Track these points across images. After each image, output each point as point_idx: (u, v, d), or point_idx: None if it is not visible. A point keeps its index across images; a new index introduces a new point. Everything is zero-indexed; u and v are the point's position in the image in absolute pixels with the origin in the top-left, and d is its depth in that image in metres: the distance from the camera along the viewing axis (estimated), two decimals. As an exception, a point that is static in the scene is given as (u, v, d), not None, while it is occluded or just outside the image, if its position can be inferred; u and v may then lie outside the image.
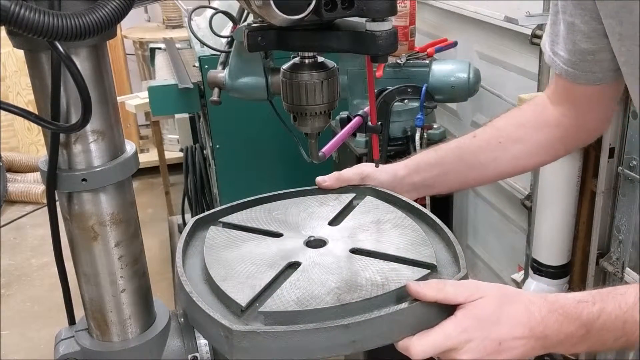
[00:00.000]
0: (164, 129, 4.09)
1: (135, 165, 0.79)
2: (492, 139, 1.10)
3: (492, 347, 0.76)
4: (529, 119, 1.11)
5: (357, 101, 2.02)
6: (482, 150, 1.10)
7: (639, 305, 0.76)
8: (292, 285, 0.80)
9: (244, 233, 0.95)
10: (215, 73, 1.51)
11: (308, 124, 0.83)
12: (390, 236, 0.91)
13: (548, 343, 0.78)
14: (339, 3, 0.71)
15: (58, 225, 0.80)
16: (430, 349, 0.75)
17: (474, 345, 0.75)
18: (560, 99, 1.08)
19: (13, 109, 0.67)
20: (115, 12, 0.61)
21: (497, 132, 1.10)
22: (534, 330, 0.77)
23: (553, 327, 0.77)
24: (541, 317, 0.77)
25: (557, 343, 0.78)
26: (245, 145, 2.39)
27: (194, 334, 0.84)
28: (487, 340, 0.75)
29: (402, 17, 2.11)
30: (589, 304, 0.77)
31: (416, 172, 1.09)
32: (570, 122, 1.07)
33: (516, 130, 1.10)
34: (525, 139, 1.09)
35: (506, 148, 1.09)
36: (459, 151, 1.10)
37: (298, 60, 0.81)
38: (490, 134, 1.11)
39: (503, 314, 0.77)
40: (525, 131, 1.10)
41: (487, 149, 1.10)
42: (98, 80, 0.73)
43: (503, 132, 1.10)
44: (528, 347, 0.77)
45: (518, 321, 0.77)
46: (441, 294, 0.76)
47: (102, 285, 0.81)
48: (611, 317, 0.76)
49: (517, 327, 0.76)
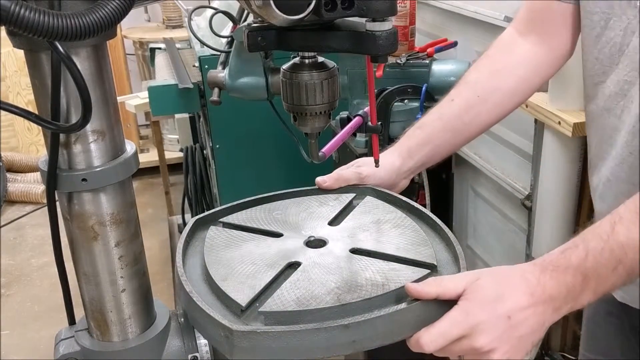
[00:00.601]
0: (164, 129, 4.09)
1: (135, 165, 0.79)
2: (470, 96, 1.11)
3: (503, 323, 0.75)
4: (500, 64, 1.12)
5: (357, 101, 2.02)
6: (464, 111, 1.11)
7: (618, 228, 0.76)
8: (292, 285, 0.80)
9: (244, 233, 0.95)
10: (215, 73, 1.51)
11: (308, 124, 0.83)
12: (390, 236, 0.91)
13: (556, 304, 0.77)
14: (339, 3, 0.71)
15: (58, 225, 0.80)
16: (439, 338, 0.75)
17: (485, 327, 0.74)
18: (528, 27, 1.09)
19: (13, 109, 0.67)
20: (115, 12, 0.61)
21: (473, 87, 1.11)
22: (535, 294, 0.76)
23: (551, 285, 0.77)
24: (537, 280, 0.77)
25: (564, 300, 0.77)
26: (245, 145, 2.39)
27: (194, 334, 0.84)
28: (495, 318, 0.75)
29: (402, 17, 2.11)
30: (572, 249, 0.78)
31: (410, 157, 1.11)
32: (541, 50, 1.09)
33: (490, 79, 1.11)
34: (501, 85, 1.10)
35: (485, 100, 1.10)
36: (442, 122, 1.12)
37: (298, 60, 0.81)
38: (467, 92, 1.12)
39: (502, 289, 0.77)
40: (500, 77, 1.11)
41: (468, 108, 1.11)
42: (98, 80, 0.73)
43: (478, 86, 1.11)
44: (539, 314, 0.76)
45: (519, 291, 0.76)
46: (441, 289, 0.76)
47: (102, 285, 0.81)
48: (597, 250, 0.76)
49: (520, 297, 0.76)
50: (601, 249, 0.76)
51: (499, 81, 1.10)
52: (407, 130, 1.15)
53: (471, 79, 1.12)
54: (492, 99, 1.10)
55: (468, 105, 1.10)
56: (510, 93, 1.11)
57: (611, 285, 0.77)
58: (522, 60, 1.10)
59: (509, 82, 1.10)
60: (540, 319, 0.77)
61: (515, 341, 0.76)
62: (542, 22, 1.08)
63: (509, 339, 0.75)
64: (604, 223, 0.78)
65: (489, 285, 0.77)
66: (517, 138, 2.35)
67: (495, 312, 0.75)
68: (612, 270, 0.76)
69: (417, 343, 0.75)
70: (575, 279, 0.76)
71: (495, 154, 2.51)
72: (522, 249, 2.31)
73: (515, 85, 1.11)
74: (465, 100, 1.11)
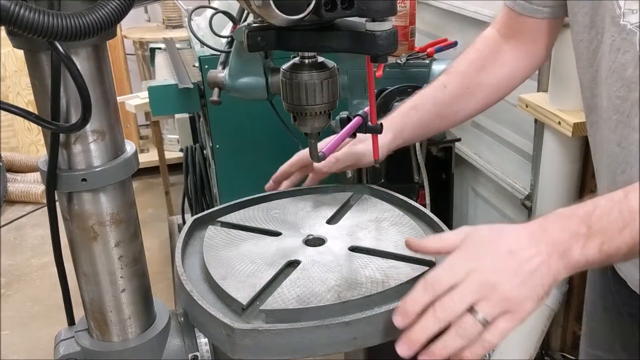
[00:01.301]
0: (164, 129, 4.09)
1: (135, 165, 0.79)
2: (461, 86, 1.16)
3: (506, 257, 0.71)
4: (487, 62, 1.17)
5: (357, 101, 2.02)
6: (455, 101, 1.16)
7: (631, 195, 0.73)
8: (292, 283, 0.80)
9: (243, 232, 0.95)
10: (215, 73, 1.51)
11: (308, 124, 0.83)
12: (389, 234, 0.92)
13: (561, 248, 0.72)
14: (339, 3, 0.71)
15: (58, 225, 0.80)
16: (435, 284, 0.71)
17: (486, 261, 0.71)
18: (508, 33, 1.15)
19: (13, 109, 0.67)
20: (115, 12, 0.61)
21: (463, 78, 1.17)
22: (536, 235, 0.73)
23: (554, 228, 0.73)
24: (538, 224, 0.74)
25: (568, 247, 0.72)
26: (245, 145, 2.39)
27: (194, 333, 0.84)
28: (495, 253, 0.72)
29: (402, 17, 2.11)
30: (581, 204, 0.75)
31: (401, 136, 1.14)
32: (520, 55, 1.15)
33: (478, 74, 1.16)
34: (487, 82, 1.17)
35: (473, 93, 1.16)
36: (436, 108, 1.16)
37: (298, 60, 0.81)
38: (459, 82, 1.16)
39: (501, 231, 0.75)
40: (487, 74, 1.16)
41: (459, 98, 1.16)
42: (98, 80, 0.73)
43: (467, 77, 1.16)
44: (544, 256, 0.71)
45: (519, 233, 0.74)
46: (441, 242, 0.77)
47: (102, 285, 0.81)
48: (606, 208, 0.73)
49: (521, 236, 0.73)
50: (610, 208, 0.73)
51: (485, 78, 1.16)
52: (401, 105, 1.18)
53: (463, 70, 1.17)
54: (479, 93, 1.17)
55: (458, 95, 1.16)
56: (494, 90, 1.18)
57: (616, 247, 0.72)
58: (505, 61, 1.16)
59: (494, 80, 1.17)
60: (547, 263, 0.71)
61: (527, 275, 0.70)
62: (521, 32, 1.14)
63: (516, 273, 0.70)
64: (618, 191, 0.75)
65: (487, 230, 0.75)
66: (517, 138, 2.35)
67: (495, 249, 0.72)
68: (619, 231, 0.72)
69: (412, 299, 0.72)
70: (580, 228, 0.73)
71: (495, 154, 2.51)
72: (522, 248, 2.31)
73: (498, 83, 1.17)
74: (457, 89, 1.16)
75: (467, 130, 2.64)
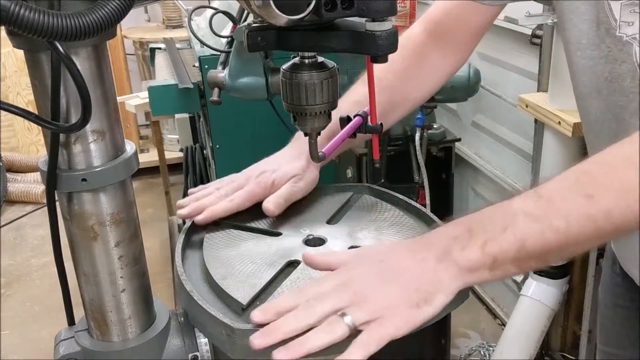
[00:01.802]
0: (164, 129, 4.09)
1: (135, 165, 0.79)
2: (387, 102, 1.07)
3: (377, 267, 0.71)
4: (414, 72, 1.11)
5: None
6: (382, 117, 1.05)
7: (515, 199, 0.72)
8: (292, 283, 0.80)
9: (243, 232, 0.95)
10: (215, 73, 1.51)
11: (308, 123, 0.83)
12: (389, 234, 0.92)
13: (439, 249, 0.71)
14: (339, 3, 0.71)
15: (58, 225, 0.80)
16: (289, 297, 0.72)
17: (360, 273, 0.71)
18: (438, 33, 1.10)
19: (13, 109, 0.67)
20: (115, 12, 0.61)
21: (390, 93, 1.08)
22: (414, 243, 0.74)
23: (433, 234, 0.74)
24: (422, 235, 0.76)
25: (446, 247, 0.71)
26: (245, 145, 2.39)
27: (194, 333, 0.84)
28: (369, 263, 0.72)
29: (402, 17, 2.12)
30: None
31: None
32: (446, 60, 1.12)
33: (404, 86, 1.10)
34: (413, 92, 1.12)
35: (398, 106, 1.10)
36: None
37: (298, 60, 0.81)
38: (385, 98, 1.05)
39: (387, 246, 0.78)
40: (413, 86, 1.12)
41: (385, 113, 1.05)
42: (98, 80, 0.73)
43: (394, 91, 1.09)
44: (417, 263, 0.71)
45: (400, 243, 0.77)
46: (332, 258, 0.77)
47: (102, 285, 0.81)
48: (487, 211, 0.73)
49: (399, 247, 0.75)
50: (493, 210, 0.72)
51: (411, 89, 1.12)
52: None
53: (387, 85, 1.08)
54: (404, 106, 1.12)
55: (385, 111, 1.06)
56: (421, 99, 1.15)
57: (499, 248, 0.69)
58: (432, 68, 1.12)
59: (422, 91, 1.14)
60: (420, 267, 0.70)
61: (396, 281, 0.70)
62: (452, 34, 1.10)
63: (386, 279, 0.70)
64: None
65: (375, 247, 0.81)
66: (517, 138, 2.36)
67: (370, 259, 0.73)
68: (501, 231, 0.69)
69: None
70: (459, 231, 0.71)
71: (495, 154, 2.51)
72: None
73: (425, 91, 1.14)
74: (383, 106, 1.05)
75: (467, 130, 2.65)
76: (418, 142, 1.94)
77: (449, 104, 2.68)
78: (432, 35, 1.12)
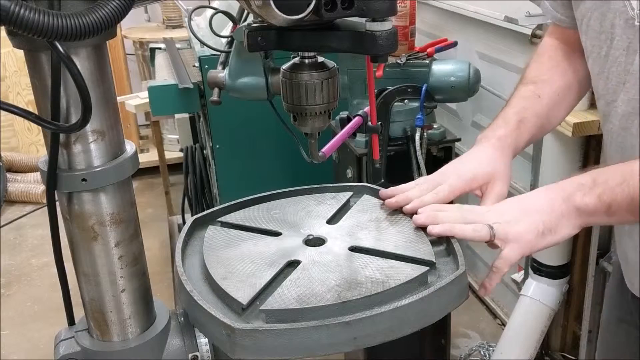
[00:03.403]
0: (164, 129, 4.09)
1: (135, 165, 0.79)
2: (553, 94, 1.15)
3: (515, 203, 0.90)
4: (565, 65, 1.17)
5: (357, 101, 2.02)
6: (551, 110, 1.16)
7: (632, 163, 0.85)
8: (292, 283, 0.80)
9: (243, 232, 0.95)
10: (215, 73, 1.51)
11: (308, 124, 0.83)
12: (389, 234, 0.92)
13: (566, 193, 0.87)
14: (339, 3, 0.71)
15: (58, 225, 0.80)
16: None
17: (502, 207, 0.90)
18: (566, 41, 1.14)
19: (13, 109, 0.67)
20: (115, 12, 0.61)
21: (550, 86, 1.16)
22: (549, 188, 0.90)
23: (565, 180, 0.89)
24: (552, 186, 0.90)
25: (572, 192, 0.87)
26: (245, 145, 2.39)
27: (194, 333, 0.85)
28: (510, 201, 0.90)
29: (402, 17, 2.11)
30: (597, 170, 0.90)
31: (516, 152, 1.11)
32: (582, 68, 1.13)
33: (563, 79, 1.16)
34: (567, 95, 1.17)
35: (564, 97, 1.17)
36: (539, 121, 1.14)
37: (298, 60, 0.81)
38: (551, 91, 1.16)
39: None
40: (568, 77, 1.16)
41: (554, 107, 1.16)
42: (98, 80, 0.73)
43: (555, 85, 1.16)
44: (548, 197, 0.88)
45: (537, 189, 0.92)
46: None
47: (102, 285, 0.81)
48: (610, 170, 0.88)
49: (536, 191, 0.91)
50: (613, 170, 0.87)
51: (569, 80, 1.16)
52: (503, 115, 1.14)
53: (545, 79, 1.16)
54: (569, 96, 1.17)
55: (553, 104, 1.16)
56: (580, 90, 1.18)
57: (613, 198, 0.84)
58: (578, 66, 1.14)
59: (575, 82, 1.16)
60: (550, 204, 0.87)
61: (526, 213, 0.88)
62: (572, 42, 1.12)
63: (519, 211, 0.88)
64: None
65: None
66: (517, 138, 2.35)
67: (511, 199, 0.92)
68: (619, 184, 0.84)
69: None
70: (585, 180, 0.87)
71: (495, 153, 2.51)
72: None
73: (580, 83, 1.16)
74: (551, 99, 1.15)
75: (467, 130, 2.64)
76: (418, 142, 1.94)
77: (449, 104, 2.68)
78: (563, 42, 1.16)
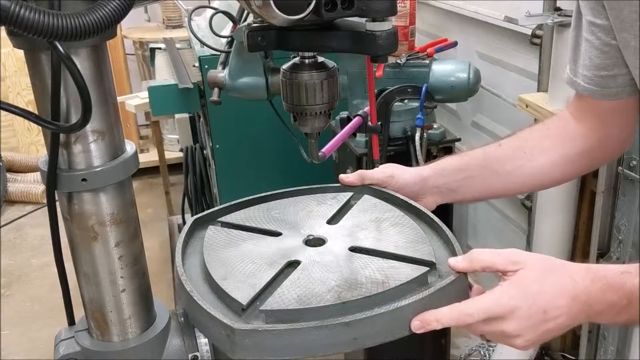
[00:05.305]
0: (164, 129, 4.09)
1: (135, 165, 0.79)
2: (518, 148, 1.10)
3: (538, 316, 0.78)
4: (554, 132, 1.11)
5: (357, 101, 2.02)
6: (508, 158, 1.09)
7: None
8: (292, 283, 0.80)
9: (243, 232, 0.95)
10: (215, 73, 1.51)
11: (308, 124, 0.83)
12: (389, 234, 0.92)
13: (591, 312, 0.80)
14: (339, 3, 0.71)
15: (58, 225, 0.80)
16: (482, 313, 0.77)
17: (521, 313, 0.77)
18: (582, 115, 1.08)
19: (13, 109, 0.67)
20: (115, 12, 0.61)
21: (523, 142, 1.11)
22: (577, 298, 0.78)
23: (596, 296, 0.79)
24: (584, 286, 0.79)
25: (600, 312, 0.80)
26: (245, 145, 2.39)
27: (194, 333, 0.85)
28: (532, 308, 0.77)
29: (402, 17, 2.11)
30: (632, 275, 0.79)
31: (441, 175, 1.09)
32: (594, 136, 1.08)
33: (541, 141, 1.10)
34: (550, 150, 1.09)
35: (532, 158, 1.09)
36: (484, 158, 1.10)
37: (298, 60, 0.81)
38: (516, 144, 1.11)
39: (546, 282, 0.79)
40: (551, 142, 1.10)
41: (513, 157, 1.09)
42: (98, 80, 0.73)
43: (529, 143, 1.10)
44: (572, 316, 0.79)
45: (562, 289, 0.79)
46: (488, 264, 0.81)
47: (102, 285, 0.81)
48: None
49: (561, 295, 0.78)
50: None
51: (549, 145, 1.10)
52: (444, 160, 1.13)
53: (524, 136, 1.12)
54: (539, 160, 1.09)
55: (514, 156, 1.09)
56: (556, 162, 1.10)
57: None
58: (574, 136, 1.09)
59: (557, 151, 1.10)
60: (571, 321, 0.80)
61: (541, 334, 0.79)
62: (588, 115, 1.07)
63: (536, 331, 0.78)
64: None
65: (534, 275, 0.79)
66: (517, 138, 2.35)
67: (534, 302, 0.78)
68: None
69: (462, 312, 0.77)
70: (620, 301, 0.79)
71: (495, 153, 2.51)
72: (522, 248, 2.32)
73: (562, 156, 1.10)
74: (513, 150, 1.10)
75: (467, 130, 2.64)
76: (418, 142, 1.94)
77: (449, 104, 2.68)
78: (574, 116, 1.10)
